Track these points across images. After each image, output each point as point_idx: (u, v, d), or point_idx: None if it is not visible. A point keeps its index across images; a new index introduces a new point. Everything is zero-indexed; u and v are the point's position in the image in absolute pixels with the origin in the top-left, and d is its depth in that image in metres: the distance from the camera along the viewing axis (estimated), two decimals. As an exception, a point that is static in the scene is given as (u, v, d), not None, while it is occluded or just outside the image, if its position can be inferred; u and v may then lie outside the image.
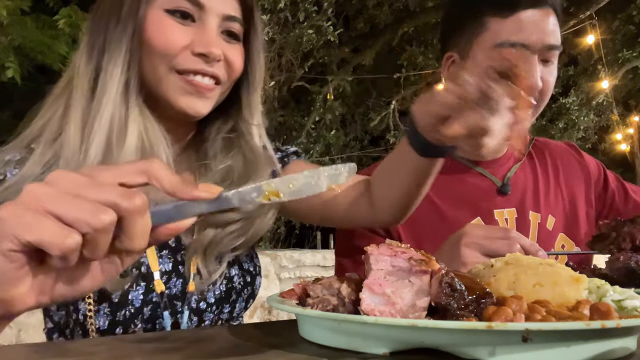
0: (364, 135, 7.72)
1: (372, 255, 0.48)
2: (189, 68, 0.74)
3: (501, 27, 0.98)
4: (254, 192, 0.43)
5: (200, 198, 0.42)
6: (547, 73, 0.99)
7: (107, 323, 0.70)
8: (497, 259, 0.57)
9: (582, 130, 6.55)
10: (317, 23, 4.97)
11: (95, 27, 0.76)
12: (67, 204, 0.38)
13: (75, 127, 0.72)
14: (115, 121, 0.72)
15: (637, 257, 0.73)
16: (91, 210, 0.38)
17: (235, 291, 0.81)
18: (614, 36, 6.04)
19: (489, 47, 0.98)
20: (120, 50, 0.72)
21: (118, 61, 0.72)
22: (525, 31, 0.96)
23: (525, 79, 0.58)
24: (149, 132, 0.74)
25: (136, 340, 0.53)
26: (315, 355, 0.44)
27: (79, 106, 0.73)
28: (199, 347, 0.49)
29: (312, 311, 0.46)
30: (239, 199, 0.43)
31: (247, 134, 0.85)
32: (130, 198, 0.39)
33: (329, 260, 4.44)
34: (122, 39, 0.73)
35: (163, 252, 0.76)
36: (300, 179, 0.43)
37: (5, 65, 3.59)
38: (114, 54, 0.72)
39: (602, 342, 0.40)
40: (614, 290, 0.51)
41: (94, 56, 0.75)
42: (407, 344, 0.42)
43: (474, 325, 0.38)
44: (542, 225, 1.06)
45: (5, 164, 0.74)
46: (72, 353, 0.47)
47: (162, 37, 0.73)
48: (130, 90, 0.73)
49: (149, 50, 0.73)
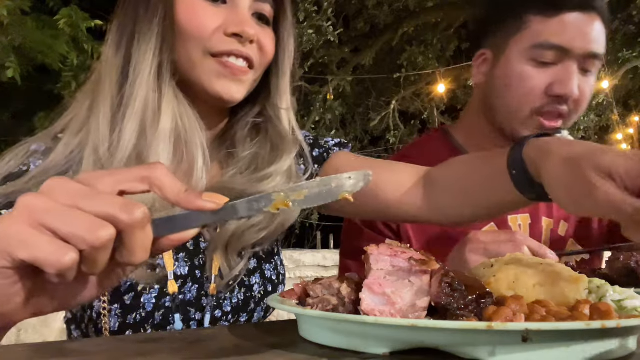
0: (364, 135, 7.73)
1: (372, 255, 0.48)
2: (223, 50, 0.72)
3: (543, 26, 0.93)
4: (263, 202, 0.41)
5: (205, 209, 0.40)
6: (585, 83, 0.95)
7: (118, 325, 0.69)
8: (497, 259, 0.57)
9: (583, 131, 6.55)
10: (317, 23, 4.96)
11: (123, 17, 0.75)
12: (63, 218, 0.36)
13: (104, 115, 0.71)
14: (149, 104, 0.70)
15: (637, 257, 0.73)
16: (89, 226, 0.36)
17: (254, 300, 0.78)
18: (614, 36, 6.03)
19: (526, 47, 0.94)
20: (151, 35, 0.71)
21: (150, 46, 0.71)
22: (568, 34, 0.92)
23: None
24: (183, 116, 0.73)
25: (136, 341, 0.53)
26: (315, 355, 0.44)
27: (108, 96, 0.72)
28: (199, 347, 0.49)
29: (312, 311, 0.46)
30: (246, 208, 0.41)
31: (276, 118, 0.82)
32: (130, 211, 0.37)
33: (329, 260, 4.44)
34: (152, 24, 0.71)
35: (180, 255, 0.74)
36: (312, 188, 0.41)
37: (5, 65, 3.58)
38: (145, 39, 0.71)
39: (602, 342, 0.40)
40: (614, 290, 0.51)
41: (122, 45, 0.73)
42: (407, 344, 0.42)
43: (474, 325, 0.38)
44: (554, 231, 1.04)
45: (31, 155, 0.72)
46: (72, 353, 0.47)
47: (195, 20, 0.72)
48: (163, 74, 0.72)
49: (182, 34, 0.72)
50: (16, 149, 0.73)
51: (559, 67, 0.93)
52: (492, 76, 1.01)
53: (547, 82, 0.93)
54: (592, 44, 0.93)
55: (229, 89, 0.74)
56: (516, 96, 0.96)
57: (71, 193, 0.37)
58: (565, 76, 0.92)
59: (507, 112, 0.97)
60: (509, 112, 0.97)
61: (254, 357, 0.44)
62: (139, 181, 0.40)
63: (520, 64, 0.95)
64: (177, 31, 0.72)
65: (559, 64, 0.93)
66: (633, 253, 0.74)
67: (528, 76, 0.94)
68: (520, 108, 0.95)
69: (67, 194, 0.37)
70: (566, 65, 0.93)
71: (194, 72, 0.74)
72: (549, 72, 0.93)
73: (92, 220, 0.36)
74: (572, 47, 0.92)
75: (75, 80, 4.24)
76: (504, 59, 0.98)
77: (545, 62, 0.93)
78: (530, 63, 0.94)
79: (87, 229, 0.36)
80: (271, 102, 0.83)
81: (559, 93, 0.92)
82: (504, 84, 0.97)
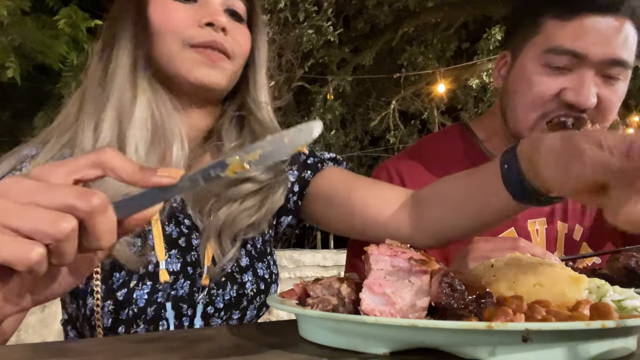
0: (364, 135, 7.73)
1: (372, 255, 0.48)
2: (200, 41, 0.75)
3: (559, 30, 0.87)
4: (218, 168, 0.41)
5: (162, 184, 0.40)
6: (608, 90, 0.88)
7: (110, 321, 0.70)
8: (497, 259, 0.57)
9: (582, 131, 6.54)
10: (317, 23, 4.97)
11: (105, 29, 0.80)
12: (23, 215, 0.37)
13: (88, 114, 0.75)
14: (124, 95, 0.74)
15: (637, 257, 0.73)
16: (49, 220, 0.37)
17: (247, 298, 0.79)
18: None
19: (540, 51, 0.89)
20: (126, 38, 0.76)
21: (126, 46, 0.76)
22: (585, 39, 0.85)
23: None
24: (158, 103, 0.76)
25: (136, 340, 0.53)
26: (315, 355, 0.44)
27: (92, 96, 0.76)
28: (199, 347, 0.49)
29: (312, 311, 0.46)
30: (202, 177, 0.41)
31: (256, 110, 0.86)
32: (87, 199, 0.37)
33: (329, 260, 4.44)
34: (125, 28, 0.76)
35: (172, 252, 0.75)
36: (264, 146, 0.41)
37: (5, 65, 3.59)
38: (121, 42, 0.76)
39: (602, 342, 0.40)
40: (614, 290, 0.51)
41: (105, 50, 0.78)
42: (407, 344, 0.42)
43: (474, 325, 0.38)
44: (568, 235, 1.01)
45: (23, 160, 0.76)
46: (72, 353, 0.47)
47: (168, 16, 0.76)
48: (138, 69, 0.76)
49: (157, 32, 0.76)
50: (10, 155, 0.76)
51: (573, 73, 0.88)
52: (507, 80, 0.98)
53: (559, 88, 0.89)
54: (613, 50, 0.86)
55: (209, 75, 0.77)
56: (523, 102, 0.92)
57: (26, 190, 0.38)
58: (578, 83, 0.87)
59: (515, 118, 0.95)
60: (516, 118, 0.94)
61: (254, 357, 0.44)
62: (91, 167, 0.40)
63: (532, 68, 0.91)
64: (151, 30, 0.76)
65: (574, 70, 0.88)
66: (633, 253, 0.74)
67: (537, 82, 0.90)
68: (526, 114, 0.91)
69: (23, 192, 0.38)
70: (581, 71, 0.87)
71: (173, 64, 0.76)
72: (562, 79, 0.89)
73: (51, 214, 0.37)
74: (587, 52, 0.86)
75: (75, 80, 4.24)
76: (519, 63, 0.94)
77: (558, 68, 0.89)
78: (543, 68, 0.90)
79: (48, 223, 0.37)
80: (251, 95, 0.86)
81: (571, 101, 0.87)
82: (514, 89, 0.94)
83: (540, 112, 0.91)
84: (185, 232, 0.77)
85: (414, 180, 1.01)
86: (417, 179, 1.01)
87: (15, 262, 0.36)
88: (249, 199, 0.79)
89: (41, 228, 0.36)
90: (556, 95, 0.89)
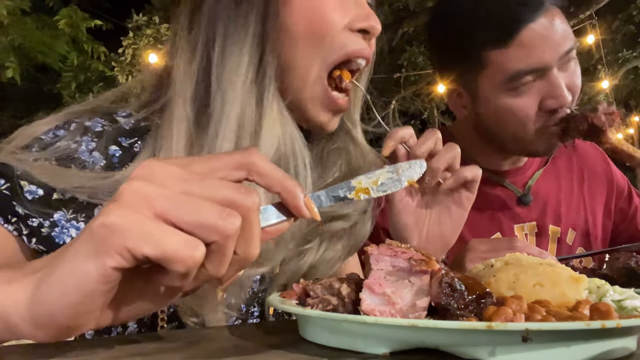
0: (364, 135, 7.73)
1: (372, 255, 0.48)
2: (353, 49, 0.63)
3: (505, 58, 0.86)
4: (345, 188, 0.40)
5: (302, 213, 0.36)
6: (572, 74, 0.90)
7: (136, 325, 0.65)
8: (497, 259, 0.57)
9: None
10: (317, 23, 4.97)
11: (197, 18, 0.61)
12: (184, 206, 0.30)
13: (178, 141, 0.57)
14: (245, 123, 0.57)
15: (637, 257, 0.73)
16: (218, 214, 0.31)
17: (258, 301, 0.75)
18: (614, 36, 6.04)
19: (499, 81, 0.88)
20: (246, 35, 0.58)
21: (244, 48, 0.58)
22: (534, 53, 0.85)
23: None
24: (287, 138, 0.60)
25: (136, 341, 0.53)
26: (315, 355, 0.44)
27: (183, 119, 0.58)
28: (199, 347, 0.49)
29: (312, 311, 0.46)
30: (329, 197, 0.40)
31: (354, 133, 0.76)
32: (248, 194, 0.32)
33: (329, 260, 4.42)
34: (247, 22, 0.58)
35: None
36: (382, 175, 0.41)
37: (5, 65, 3.59)
38: (235, 41, 0.58)
39: (602, 342, 0.40)
40: (614, 290, 0.51)
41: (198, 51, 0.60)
42: (407, 344, 0.42)
43: (474, 325, 0.38)
44: (561, 239, 1.01)
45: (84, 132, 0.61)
46: (72, 353, 0.47)
47: (318, 15, 0.60)
48: (265, 83, 0.58)
49: (293, 36, 0.60)
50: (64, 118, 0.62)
51: (540, 83, 0.88)
52: (476, 112, 0.97)
53: (537, 102, 0.89)
54: (562, 45, 0.86)
55: (334, 123, 0.69)
56: (514, 124, 0.91)
57: (176, 178, 0.32)
58: (552, 89, 0.88)
59: (513, 138, 0.94)
60: (514, 138, 0.94)
61: (254, 357, 0.44)
62: (236, 168, 0.35)
63: (500, 99, 0.89)
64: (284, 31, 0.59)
65: (539, 80, 0.88)
66: (633, 253, 0.74)
67: (515, 107, 0.89)
68: (524, 132, 0.91)
69: (173, 180, 0.32)
70: (548, 78, 0.87)
71: (302, 93, 0.63)
72: (533, 92, 0.89)
73: (218, 208, 0.31)
74: (544, 61, 0.85)
75: (75, 80, 4.25)
76: (481, 97, 0.93)
77: (524, 85, 0.88)
78: (510, 94, 0.89)
79: (217, 216, 0.31)
80: (349, 113, 0.75)
81: (554, 107, 0.88)
82: (495, 119, 0.93)
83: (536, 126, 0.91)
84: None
85: None
86: None
87: (174, 259, 0.30)
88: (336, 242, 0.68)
89: (210, 222, 0.30)
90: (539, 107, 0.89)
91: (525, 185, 1.04)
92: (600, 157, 1.13)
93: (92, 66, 4.39)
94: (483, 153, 1.03)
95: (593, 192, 1.08)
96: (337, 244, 0.68)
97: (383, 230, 1.02)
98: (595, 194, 1.08)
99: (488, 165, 1.02)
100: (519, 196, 1.02)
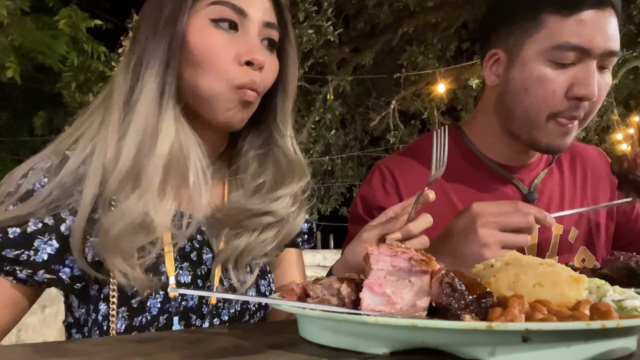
0: (364, 135, 7.74)
1: (372, 255, 0.48)
2: (241, 83, 0.74)
3: (561, 26, 0.89)
4: None
5: None
6: (603, 82, 0.92)
7: (124, 327, 0.70)
8: (497, 259, 0.57)
9: (584, 131, 6.55)
10: (317, 23, 4.96)
11: (133, 43, 0.77)
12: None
13: (112, 128, 0.73)
14: (148, 125, 0.72)
15: (637, 257, 0.73)
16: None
17: (249, 313, 0.81)
18: (614, 36, 6.03)
19: (545, 48, 0.90)
20: (156, 60, 0.73)
21: (153, 70, 0.73)
22: (586, 33, 0.88)
23: None
24: (182, 142, 0.73)
25: (136, 340, 0.53)
26: (315, 355, 0.44)
27: (115, 119, 0.73)
28: (199, 347, 0.49)
29: (312, 311, 0.46)
30: None
31: (283, 145, 0.84)
32: None
33: (329, 260, 4.44)
34: (158, 49, 0.73)
35: (184, 265, 0.75)
36: None
37: (5, 65, 3.59)
38: (150, 64, 0.73)
39: (602, 342, 0.40)
40: (614, 290, 0.51)
41: (130, 70, 0.75)
42: (407, 344, 0.42)
43: (474, 325, 0.38)
44: (563, 237, 1.01)
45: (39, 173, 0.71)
46: (72, 353, 0.47)
47: (211, 48, 0.73)
48: (166, 98, 0.73)
49: (199, 63, 0.73)
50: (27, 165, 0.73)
51: (578, 67, 0.90)
52: (507, 78, 0.97)
53: (567, 84, 0.90)
54: (610, 42, 0.89)
55: (241, 117, 0.77)
56: (535, 100, 0.92)
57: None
58: (586, 77, 0.89)
59: (525, 117, 0.94)
60: (526, 117, 0.93)
61: (254, 357, 0.44)
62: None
63: (539, 66, 0.91)
64: (190, 59, 0.73)
65: (578, 65, 0.90)
66: (633, 253, 0.74)
67: (548, 79, 0.91)
68: (539, 113, 0.91)
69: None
70: (586, 65, 0.90)
71: (210, 104, 0.75)
72: (568, 74, 0.90)
73: None
74: (591, 46, 0.88)
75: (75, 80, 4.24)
76: (520, 60, 0.94)
77: (564, 64, 0.90)
78: (550, 65, 0.91)
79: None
80: (277, 127, 0.84)
81: (580, 95, 0.89)
82: (523, 87, 0.93)
83: (552, 110, 0.91)
84: (197, 247, 0.78)
85: (406, 179, 1.03)
86: (409, 179, 1.03)
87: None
88: (267, 230, 0.81)
89: None
90: (565, 92, 0.90)
91: (531, 183, 1.04)
92: (603, 161, 1.13)
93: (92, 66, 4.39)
94: (495, 144, 1.03)
95: (596, 194, 1.08)
96: (268, 232, 0.81)
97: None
98: (598, 196, 1.08)
99: (498, 158, 1.03)
100: (524, 194, 1.03)
